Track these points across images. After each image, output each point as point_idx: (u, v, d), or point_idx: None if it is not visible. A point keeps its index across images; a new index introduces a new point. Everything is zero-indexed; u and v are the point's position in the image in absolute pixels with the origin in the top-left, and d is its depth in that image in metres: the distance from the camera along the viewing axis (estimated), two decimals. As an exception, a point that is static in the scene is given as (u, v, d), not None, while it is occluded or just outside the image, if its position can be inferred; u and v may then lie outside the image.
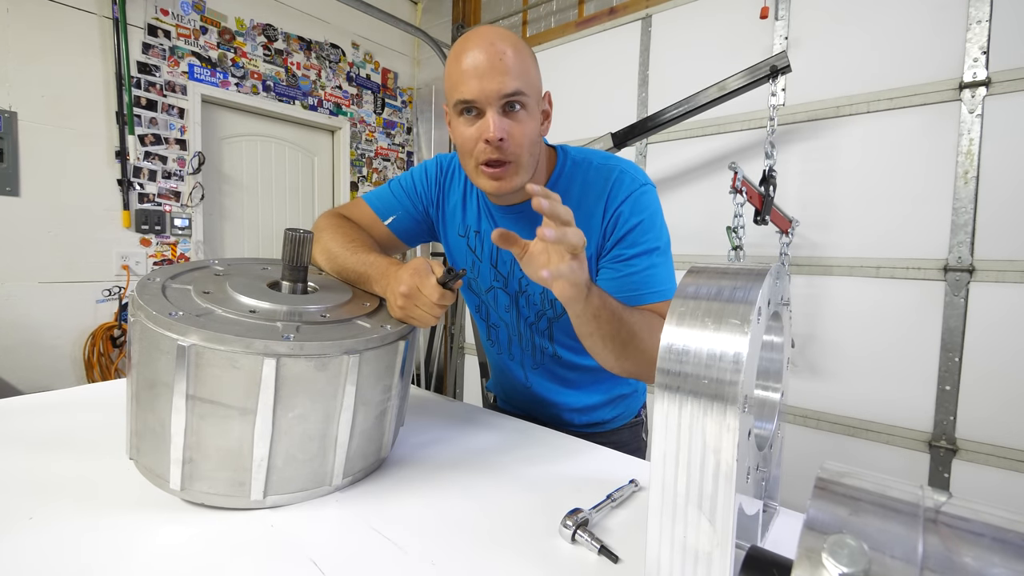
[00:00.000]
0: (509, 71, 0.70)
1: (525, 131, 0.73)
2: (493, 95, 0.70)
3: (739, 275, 0.41)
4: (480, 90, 0.70)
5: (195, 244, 2.70)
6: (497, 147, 0.71)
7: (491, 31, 0.72)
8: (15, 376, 2.20)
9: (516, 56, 0.71)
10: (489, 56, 0.69)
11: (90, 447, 0.70)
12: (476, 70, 0.70)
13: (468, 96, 0.70)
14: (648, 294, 0.75)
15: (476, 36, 0.72)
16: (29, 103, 2.18)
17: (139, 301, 0.56)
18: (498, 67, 0.69)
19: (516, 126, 0.72)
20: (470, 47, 0.71)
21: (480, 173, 0.75)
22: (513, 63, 0.70)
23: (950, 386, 1.75)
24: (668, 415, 0.37)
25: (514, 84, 0.70)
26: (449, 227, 0.93)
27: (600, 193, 0.80)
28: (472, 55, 0.70)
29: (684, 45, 2.34)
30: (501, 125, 0.70)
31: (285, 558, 0.48)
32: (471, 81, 0.70)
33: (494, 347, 0.99)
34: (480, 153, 0.73)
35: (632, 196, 0.79)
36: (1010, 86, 1.63)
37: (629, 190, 0.79)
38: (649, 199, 0.80)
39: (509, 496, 0.63)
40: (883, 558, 0.23)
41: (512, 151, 0.72)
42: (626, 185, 0.79)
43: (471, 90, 0.70)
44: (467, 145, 0.74)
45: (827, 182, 1.96)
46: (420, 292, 0.66)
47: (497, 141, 0.70)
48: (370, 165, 3.56)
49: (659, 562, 0.38)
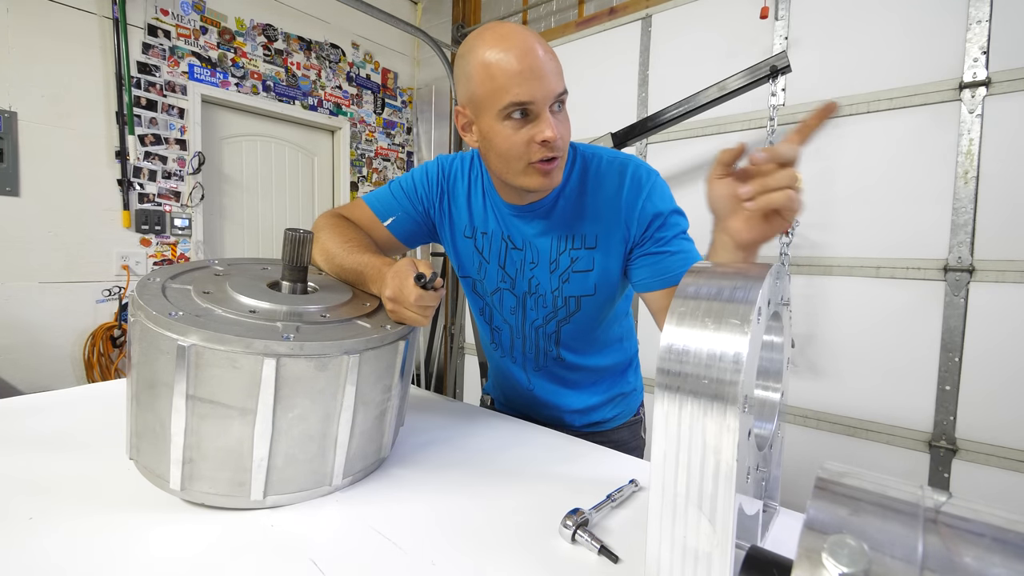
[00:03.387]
0: (558, 70, 0.72)
1: (569, 127, 0.76)
2: (550, 95, 0.71)
3: (739, 275, 0.41)
4: (538, 91, 0.70)
5: (195, 244, 2.70)
6: (553, 146, 0.73)
7: (521, 30, 0.72)
8: (15, 376, 2.20)
9: (553, 53, 0.73)
10: (541, 57, 0.70)
11: (90, 447, 0.70)
12: (533, 72, 0.69)
13: (525, 98, 0.70)
14: None
15: (516, 37, 0.70)
16: (29, 103, 2.18)
17: (139, 301, 0.56)
18: (551, 68, 0.71)
19: (562, 124, 0.74)
20: (514, 48, 0.70)
21: (533, 171, 0.75)
22: (557, 62, 0.73)
23: (950, 386, 1.75)
24: (668, 415, 0.37)
25: (563, 83, 0.73)
26: (455, 229, 0.92)
27: (617, 187, 0.81)
28: (523, 57, 0.69)
29: (684, 45, 2.34)
30: (557, 127, 0.72)
31: (285, 558, 0.48)
32: (530, 83, 0.69)
33: (497, 350, 0.99)
34: (535, 153, 0.73)
35: (652, 187, 0.81)
36: (1010, 86, 1.63)
37: (648, 182, 0.81)
38: (665, 187, 0.83)
39: (509, 496, 0.63)
40: (883, 558, 0.23)
41: (561, 148, 0.74)
42: (643, 178, 0.81)
43: (528, 92, 0.70)
44: (516, 148, 0.73)
45: (827, 182, 1.96)
46: (402, 294, 0.67)
47: (556, 141, 0.72)
48: (370, 165, 3.56)
49: (659, 562, 0.38)
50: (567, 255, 0.84)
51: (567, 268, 0.84)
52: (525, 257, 0.87)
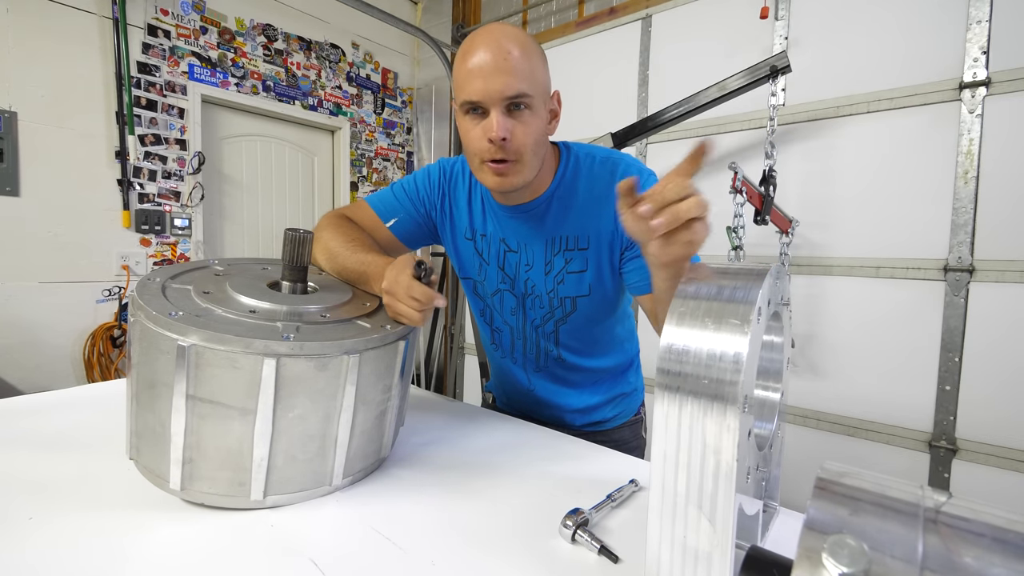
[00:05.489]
0: (514, 72, 0.70)
1: (528, 131, 0.73)
2: (497, 96, 0.70)
3: (739, 275, 0.41)
4: (484, 91, 0.70)
5: (195, 244, 2.70)
6: (500, 146, 0.72)
7: (499, 30, 0.72)
8: (15, 376, 2.20)
9: (522, 56, 0.71)
10: (494, 57, 0.70)
11: (90, 447, 0.70)
12: (481, 71, 0.70)
13: (473, 97, 0.71)
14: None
15: (484, 35, 0.72)
16: (29, 103, 2.18)
17: (139, 301, 0.56)
18: (503, 68, 0.69)
19: (519, 126, 0.73)
20: (477, 47, 0.71)
21: (484, 169, 0.76)
22: (519, 64, 0.70)
23: (950, 386, 1.75)
24: (668, 415, 0.37)
25: (518, 86, 0.70)
26: (456, 230, 0.93)
27: (608, 185, 0.81)
28: (478, 55, 0.70)
29: (684, 45, 2.34)
30: (504, 125, 0.71)
31: (285, 558, 0.48)
32: (476, 81, 0.70)
33: (497, 351, 0.99)
34: (484, 152, 0.73)
35: (643, 186, 0.78)
36: (1010, 86, 1.63)
37: (642, 181, 0.79)
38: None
39: (509, 496, 0.62)
40: (883, 558, 0.23)
41: (515, 150, 0.73)
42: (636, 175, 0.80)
43: (476, 91, 0.71)
44: (472, 144, 0.75)
45: (827, 182, 1.96)
46: (398, 287, 0.67)
47: (500, 140, 0.71)
48: (370, 165, 3.56)
49: (659, 562, 0.38)
50: (561, 256, 0.84)
51: (561, 269, 0.84)
52: (520, 259, 0.87)
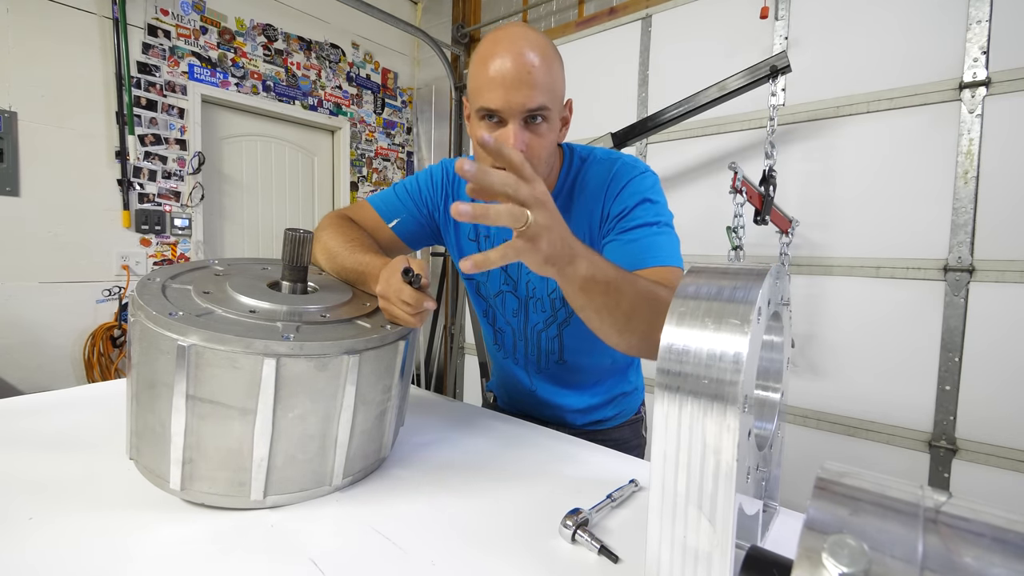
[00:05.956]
0: (536, 85, 0.68)
1: (544, 143, 0.73)
2: (517, 109, 0.68)
3: (739, 275, 0.41)
4: (505, 102, 0.68)
5: (195, 244, 2.70)
6: None
7: (522, 35, 0.70)
8: (15, 376, 2.20)
9: (544, 67, 0.69)
10: (517, 67, 0.67)
11: (90, 447, 0.70)
12: (503, 80, 0.68)
13: (492, 105, 0.69)
14: (650, 258, 0.72)
15: (506, 41, 0.69)
16: (29, 103, 2.18)
17: (139, 301, 0.56)
18: (525, 80, 0.67)
19: (536, 139, 0.71)
20: (499, 52, 0.68)
21: None
22: (541, 76, 0.68)
23: (950, 386, 1.75)
24: (668, 415, 0.37)
25: (539, 99, 0.69)
26: (460, 232, 0.92)
27: (602, 183, 0.80)
28: (500, 62, 0.68)
29: (684, 45, 2.34)
30: (522, 138, 0.69)
31: (285, 558, 0.48)
32: (497, 90, 0.68)
33: (500, 351, 0.99)
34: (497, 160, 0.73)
35: (632, 180, 0.79)
36: (1010, 86, 1.64)
37: (629, 176, 0.79)
38: (650, 183, 0.79)
39: (509, 496, 0.62)
40: (883, 558, 0.23)
41: (528, 161, 0.73)
42: (626, 172, 0.80)
43: (495, 99, 0.68)
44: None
45: (827, 182, 1.96)
46: (389, 287, 0.66)
47: None
48: (370, 165, 3.56)
49: (659, 562, 0.38)
50: None
51: None
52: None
